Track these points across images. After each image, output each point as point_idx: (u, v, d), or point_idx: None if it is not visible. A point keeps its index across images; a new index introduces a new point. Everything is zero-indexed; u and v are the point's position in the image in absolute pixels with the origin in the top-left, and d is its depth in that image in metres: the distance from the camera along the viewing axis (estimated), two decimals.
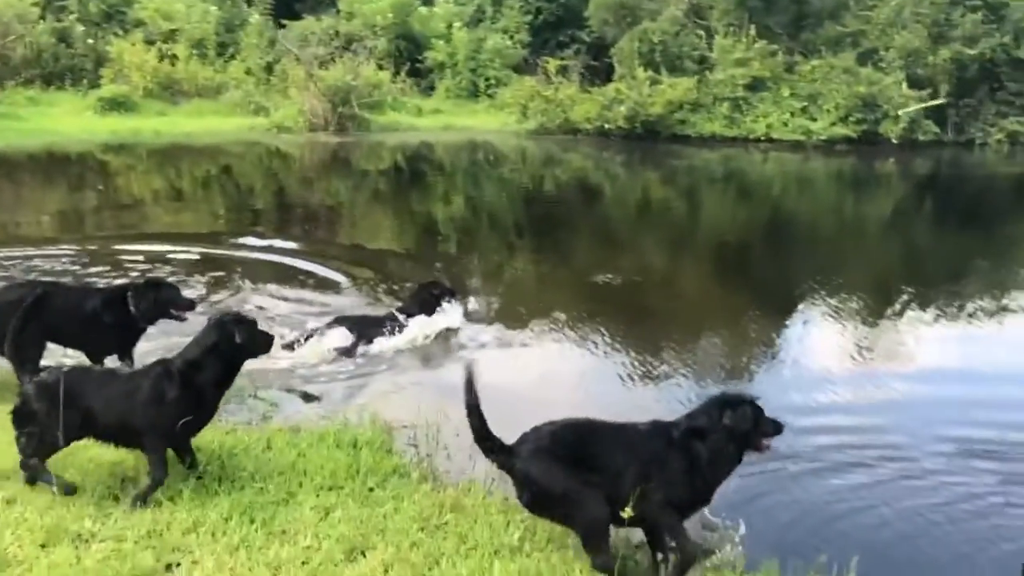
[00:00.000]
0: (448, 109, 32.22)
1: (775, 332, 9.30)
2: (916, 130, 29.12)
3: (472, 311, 9.02)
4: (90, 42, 30.82)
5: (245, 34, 31.95)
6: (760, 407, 4.32)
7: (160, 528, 4.18)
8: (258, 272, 10.94)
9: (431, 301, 8.51)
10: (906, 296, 10.99)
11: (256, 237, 13.46)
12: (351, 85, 28.08)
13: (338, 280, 10.62)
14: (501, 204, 18.87)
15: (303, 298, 9.72)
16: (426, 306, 8.46)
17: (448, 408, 6.18)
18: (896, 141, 28.76)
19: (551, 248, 14.07)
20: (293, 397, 6.87)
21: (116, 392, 4.60)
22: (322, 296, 9.81)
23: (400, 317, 8.31)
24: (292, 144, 26.20)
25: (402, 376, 7.53)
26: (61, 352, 6.61)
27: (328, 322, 8.12)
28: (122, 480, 4.69)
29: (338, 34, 31.76)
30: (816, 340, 9.16)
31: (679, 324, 9.50)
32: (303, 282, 10.51)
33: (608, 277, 11.22)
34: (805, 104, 29.52)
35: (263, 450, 5.16)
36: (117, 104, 28.11)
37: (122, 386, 4.64)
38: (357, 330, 8.00)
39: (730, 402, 4.28)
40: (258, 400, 6.54)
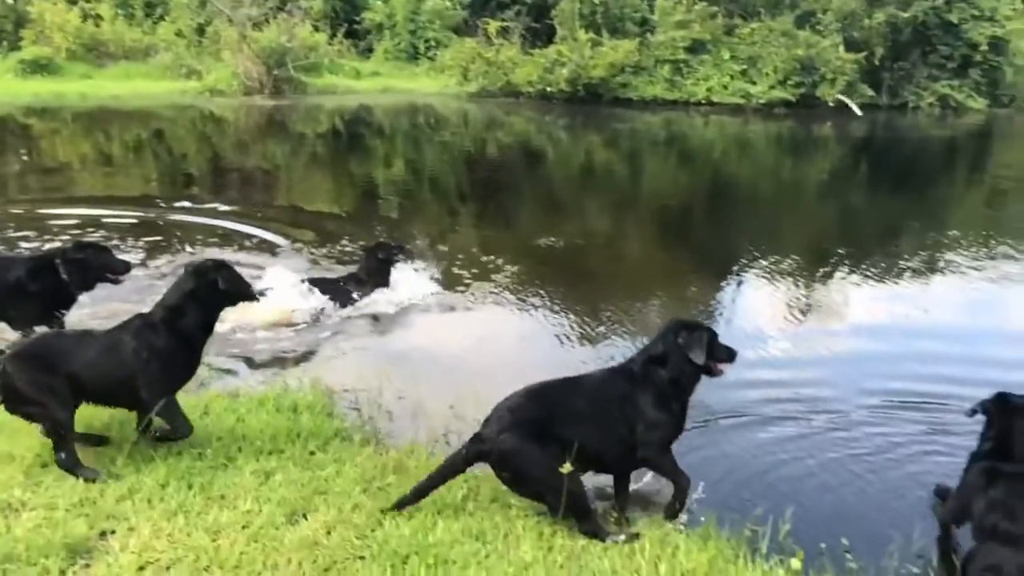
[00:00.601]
0: (387, 72, 31.73)
1: (712, 292, 9.46)
2: (852, 94, 29.69)
3: (417, 274, 8.95)
4: (10, 2, 29.43)
5: None
6: (715, 332, 4.47)
7: (93, 496, 4.07)
8: (197, 236, 10.70)
9: (387, 263, 8.47)
10: (839, 256, 11.26)
11: (192, 201, 13.15)
12: (286, 47, 27.44)
13: (278, 242, 10.46)
14: (443, 168, 18.71)
15: (244, 261, 9.51)
16: (383, 269, 8.41)
17: (390, 372, 6.18)
18: (833, 104, 29.31)
19: (494, 212, 14.03)
20: (232, 362, 6.73)
21: (100, 351, 4.42)
22: (263, 259, 9.63)
23: (362, 280, 8.25)
24: (226, 108, 25.51)
25: (344, 341, 7.44)
26: None
27: (293, 283, 7.96)
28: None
29: None
30: (751, 300, 9.35)
31: (620, 286, 9.57)
32: (243, 245, 10.35)
33: (551, 240, 11.24)
34: (744, 67, 29.83)
35: (201, 416, 5.05)
36: (39, 66, 27.02)
37: (105, 344, 4.46)
38: (324, 292, 7.92)
39: (686, 326, 4.42)
40: None
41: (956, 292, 9.95)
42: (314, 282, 8.05)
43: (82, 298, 6.61)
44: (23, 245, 9.70)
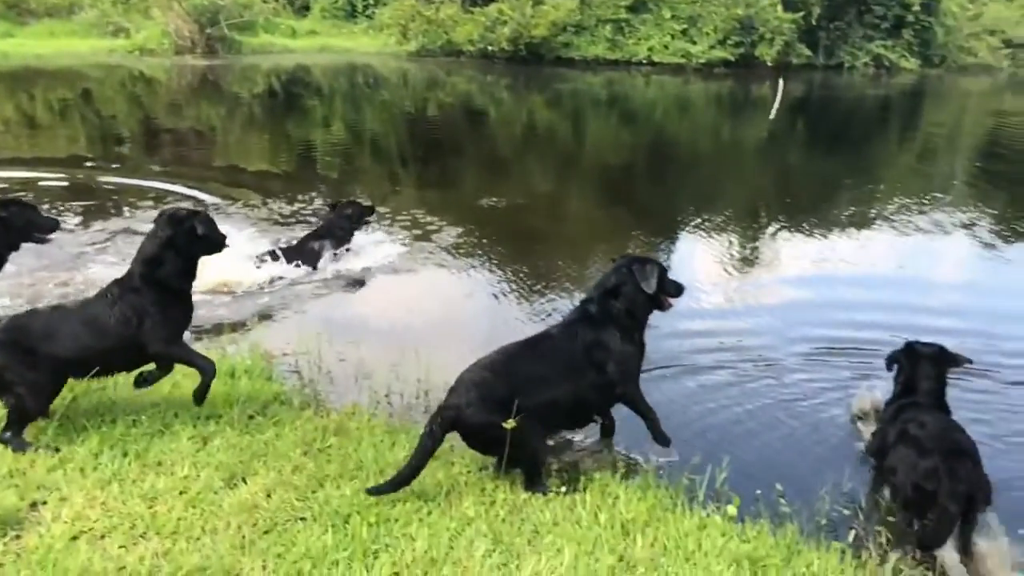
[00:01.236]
0: (324, 30, 31.01)
1: (651, 248, 9.54)
2: (790, 53, 30.04)
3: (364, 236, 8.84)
4: None
5: None
6: (664, 268, 4.58)
7: (23, 466, 3.96)
8: (134, 197, 10.41)
9: (354, 222, 8.45)
10: (775, 212, 11.49)
11: (126, 163, 12.75)
12: (219, 5, 26.59)
13: (218, 203, 10.23)
14: (384, 128, 18.44)
15: None
16: (349, 228, 8.39)
17: (331, 335, 6.13)
18: (771, 64, 29.61)
19: (436, 173, 13.89)
20: None
21: (82, 327, 4.30)
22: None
23: (329, 236, 8.21)
24: (157, 68, 24.68)
25: (284, 306, 7.33)
26: None
27: (264, 252, 7.88)
28: None
29: None
30: (689, 255, 9.51)
31: (562, 244, 9.62)
32: (193, 207, 10.09)
33: (493, 200, 11.19)
34: (685, 27, 29.91)
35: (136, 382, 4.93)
36: None
37: (87, 318, 4.33)
38: (290, 259, 7.84)
39: (637, 259, 4.55)
40: None
41: (886, 244, 10.27)
42: (275, 254, 7.90)
43: (8, 267, 6.34)
44: None
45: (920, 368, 4.63)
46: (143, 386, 4.58)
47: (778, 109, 15.12)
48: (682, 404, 5.47)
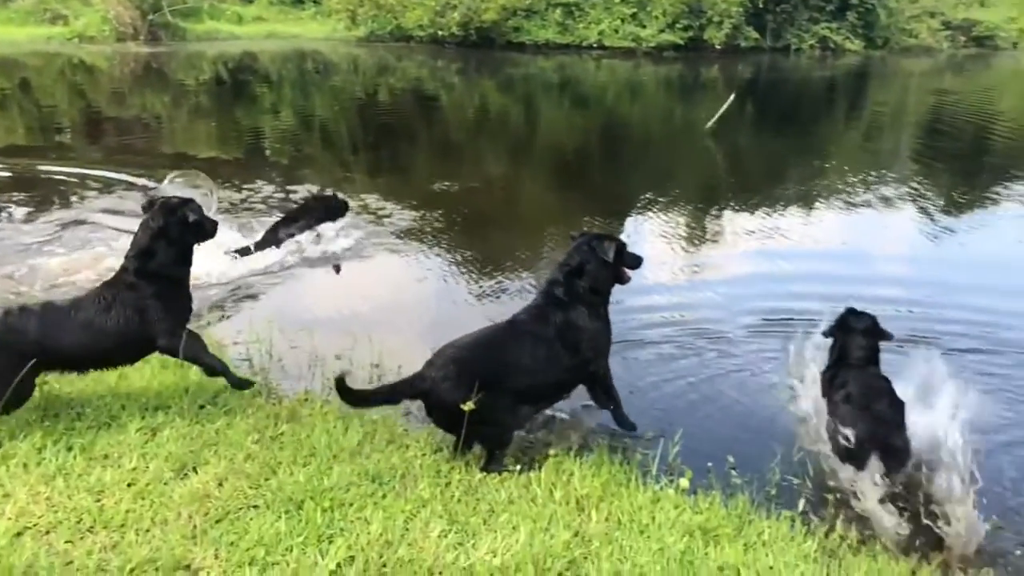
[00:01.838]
0: (271, 16, 30.46)
1: (603, 229, 9.59)
2: (738, 37, 30.33)
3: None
4: None
5: None
6: (623, 242, 4.62)
7: None
8: (83, 188, 10.19)
9: (326, 215, 8.43)
10: (725, 192, 11.65)
11: (68, 152, 12.42)
12: None
13: (166, 191, 10.02)
14: (334, 115, 18.21)
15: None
16: (320, 220, 8.36)
17: (283, 323, 6.06)
18: (719, 47, 29.88)
19: (387, 158, 13.77)
20: None
21: (79, 327, 4.22)
22: None
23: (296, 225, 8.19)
24: (98, 56, 24.03)
25: (234, 296, 7.22)
26: None
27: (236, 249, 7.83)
28: None
29: None
30: (640, 234, 9.57)
31: (515, 227, 9.63)
32: (144, 195, 9.89)
33: (446, 185, 11.15)
34: (635, 10, 30.00)
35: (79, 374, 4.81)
36: None
37: (85, 319, 4.23)
38: (259, 248, 7.83)
39: (597, 236, 4.60)
40: None
41: (833, 219, 10.51)
42: (244, 250, 7.83)
43: None
44: None
45: (850, 339, 4.83)
46: None
47: (717, 120, 15.32)
48: (631, 379, 5.49)
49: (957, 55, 35.96)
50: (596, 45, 29.64)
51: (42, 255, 7.60)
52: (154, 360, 5.13)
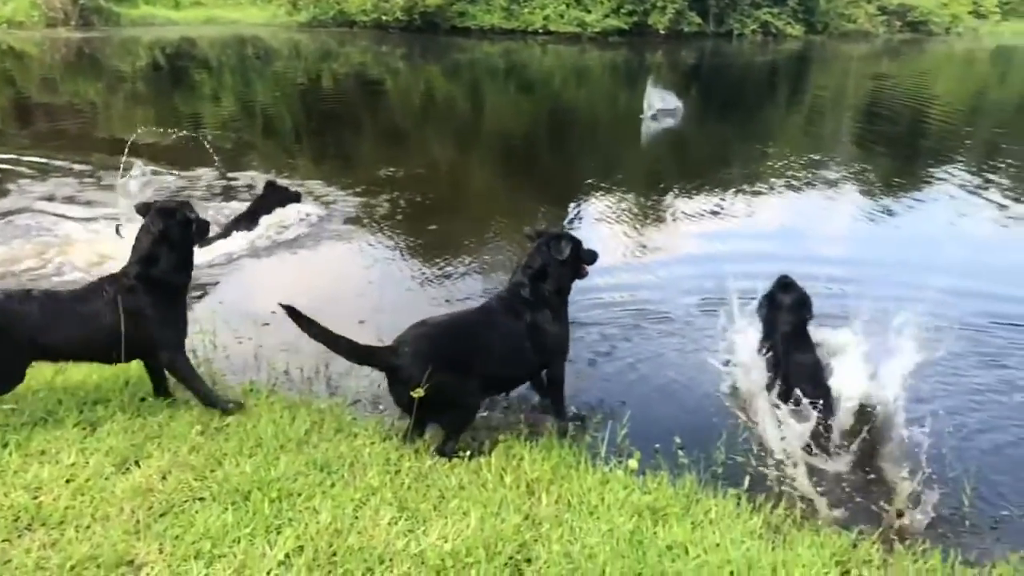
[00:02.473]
0: (210, 1, 29.79)
1: (551, 214, 9.63)
2: (681, 22, 30.60)
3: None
4: None
5: None
6: (579, 240, 4.68)
7: None
8: (17, 175, 9.86)
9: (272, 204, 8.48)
10: (670, 175, 11.77)
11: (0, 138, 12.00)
12: None
13: (101, 175, 9.93)
14: (276, 101, 17.88)
15: (82, 198, 9.08)
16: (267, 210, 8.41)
17: (227, 313, 5.95)
18: (663, 32, 30.12)
19: (332, 144, 13.60)
20: None
21: (76, 320, 4.13)
22: (101, 195, 9.16)
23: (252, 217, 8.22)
24: (26, 41, 23.21)
25: None
26: None
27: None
28: None
29: None
30: (586, 218, 9.63)
31: (461, 213, 9.59)
32: (81, 181, 9.80)
33: (391, 171, 11.04)
34: None
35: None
36: None
37: (82, 315, 4.14)
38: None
39: (555, 236, 4.62)
40: None
41: (775, 201, 10.69)
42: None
43: None
44: None
45: (773, 315, 5.17)
46: None
47: (653, 115, 15.51)
48: (580, 362, 5.52)
49: (893, 40, 36.86)
50: (542, 30, 29.63)
51: None
52: None
